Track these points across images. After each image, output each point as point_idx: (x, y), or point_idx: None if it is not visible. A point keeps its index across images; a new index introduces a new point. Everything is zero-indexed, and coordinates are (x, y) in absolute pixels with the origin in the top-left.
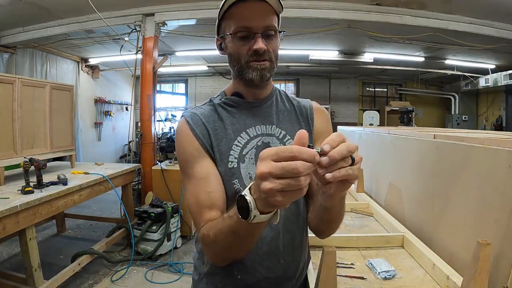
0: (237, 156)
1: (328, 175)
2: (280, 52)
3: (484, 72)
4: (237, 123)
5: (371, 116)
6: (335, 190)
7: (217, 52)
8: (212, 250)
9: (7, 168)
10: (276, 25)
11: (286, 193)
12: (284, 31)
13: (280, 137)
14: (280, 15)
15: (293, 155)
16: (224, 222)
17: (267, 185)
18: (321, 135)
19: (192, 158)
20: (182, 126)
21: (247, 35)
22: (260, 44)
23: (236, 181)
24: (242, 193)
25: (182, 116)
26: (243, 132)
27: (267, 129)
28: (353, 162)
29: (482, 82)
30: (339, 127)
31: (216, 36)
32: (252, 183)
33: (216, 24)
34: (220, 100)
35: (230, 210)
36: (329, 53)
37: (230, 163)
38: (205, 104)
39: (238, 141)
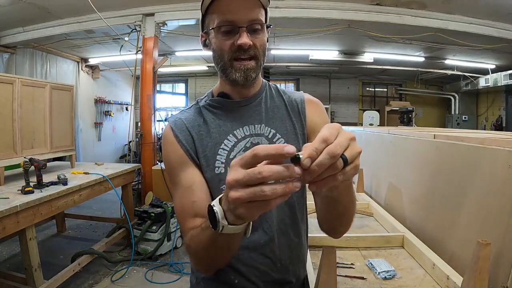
0: (224, 161)
1: (311, 188)
2: (280, 52)
3: (484, 72)
4: (224, 125)
5: (371, 116)
6: (331, 188)
7: None
8: (194, 259)
9: (7, 168)
10: (263, 19)
11: (253, 204)
12: (271, 25)
13: (270, 136)
14: (268, 8)
15: (255, 153)
16: (202, 233)
17: (233, 194)
18: (316, 128)
19: (177, 166)
20: (167, 132)
21: (231, 30)
22: (244, 39)
23: (224, 187)
24: (211, 203)
25: (167, 121)
26: (230, 135)
27: (256, 128)
28: (345, 164)
29: (482, 82)
30: None
31: (200, 32)
32: (223, 193)
33: (200, 19)
34: (205, 102)
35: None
36: (329, 53)
37: (216, 168)
38: (191, 106)
39: (225, 145)
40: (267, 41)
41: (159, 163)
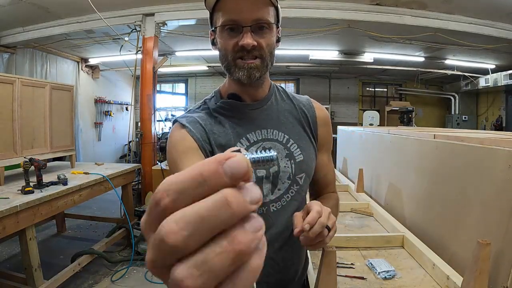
0: None
1: (302, 239)
2: (280, 52)
3: (484, 72)
4: (237, 127)
5: (371, 116)
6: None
7: (216, 52)
8: None
9: (7, 168)
10: (272, 18)
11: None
12: (279, 24)
13: (284, 141)
14: (279, 6)
15: (156, 200)
16: None
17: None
18: (324, 146)
19: (183, 155)
20: (176, 129)
21: (235, 29)
22: (247, 39)
23: None
24: None
25: (176, 121)
26: (243, 138)
27: (268, 133)
28: (328, 231)
29: (482, 82)
30: (339, 127)
31: (210, 30)
32: None
33: (209, 16)
34: (216, 104)
35: None
36: (329, 53)
37: None
38: (199, 107)
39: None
40: (278, 41)
41: (159, 163)
